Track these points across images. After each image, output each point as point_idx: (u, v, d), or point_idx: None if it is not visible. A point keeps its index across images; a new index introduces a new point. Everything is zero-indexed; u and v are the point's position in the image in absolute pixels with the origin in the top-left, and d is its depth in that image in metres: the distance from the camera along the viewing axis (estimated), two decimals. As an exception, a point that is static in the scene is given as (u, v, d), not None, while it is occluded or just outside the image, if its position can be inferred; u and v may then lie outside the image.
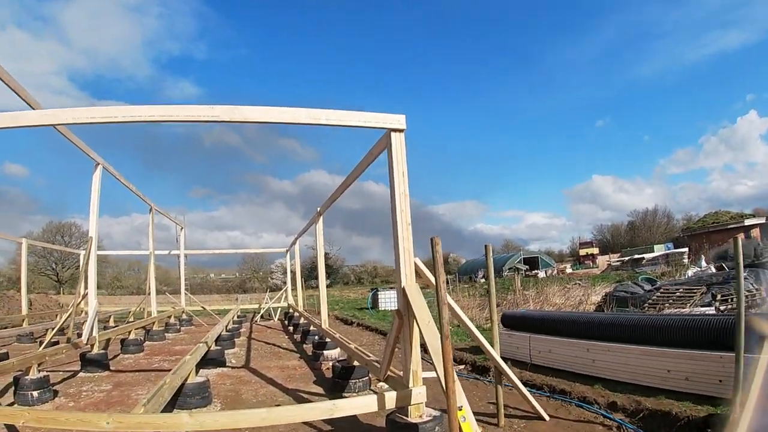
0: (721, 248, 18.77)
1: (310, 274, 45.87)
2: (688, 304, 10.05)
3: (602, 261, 46.22)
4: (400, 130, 3.78)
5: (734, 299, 9.70)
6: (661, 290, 11.65)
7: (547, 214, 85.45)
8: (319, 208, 8.84)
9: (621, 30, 76.77)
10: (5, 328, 13.09)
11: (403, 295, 3.63)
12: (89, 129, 7.90)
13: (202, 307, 16.68)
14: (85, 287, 8.14)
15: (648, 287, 13.45)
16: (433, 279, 3.84)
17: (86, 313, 9.00)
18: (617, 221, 64.99)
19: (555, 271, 40.71)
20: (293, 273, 18.34)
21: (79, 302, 9.14)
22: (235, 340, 10.42)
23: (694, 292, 10.60)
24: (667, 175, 77.01)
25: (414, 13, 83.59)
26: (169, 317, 14.82)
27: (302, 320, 12.62)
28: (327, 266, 55.39)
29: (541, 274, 39.22)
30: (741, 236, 25.25)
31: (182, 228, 17.11)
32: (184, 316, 16.61)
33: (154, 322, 12.67)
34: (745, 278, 10.56)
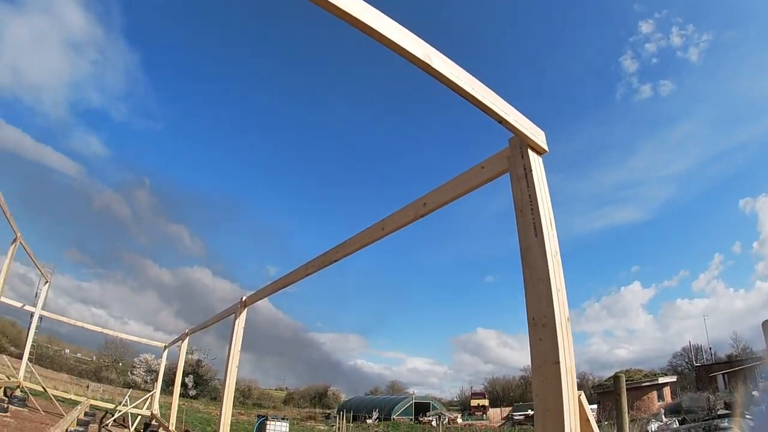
0: (675, 402, 18.64)
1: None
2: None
3: (493, 413, 44.98)
4: (540, 152, 2.23)
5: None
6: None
7: (429, 360, 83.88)
8: (245, 297, 6.12)
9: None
10: None
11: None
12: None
13: (44, 388, 12.90)
14: None
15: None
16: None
17: None
18: (500, 375, 63.10)
19: (447, 420, 38.16)
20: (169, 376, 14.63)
21: None
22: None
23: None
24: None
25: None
26: (-1, 388, 10.37)
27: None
28: (197, 375, 45.96)
29: (434, 422, 36.67)
30: (654, 393, 26.13)
31: (47, 282, 13.70)
32: (19, 393, 11.96)
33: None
34: (730, 428, 9.76)
